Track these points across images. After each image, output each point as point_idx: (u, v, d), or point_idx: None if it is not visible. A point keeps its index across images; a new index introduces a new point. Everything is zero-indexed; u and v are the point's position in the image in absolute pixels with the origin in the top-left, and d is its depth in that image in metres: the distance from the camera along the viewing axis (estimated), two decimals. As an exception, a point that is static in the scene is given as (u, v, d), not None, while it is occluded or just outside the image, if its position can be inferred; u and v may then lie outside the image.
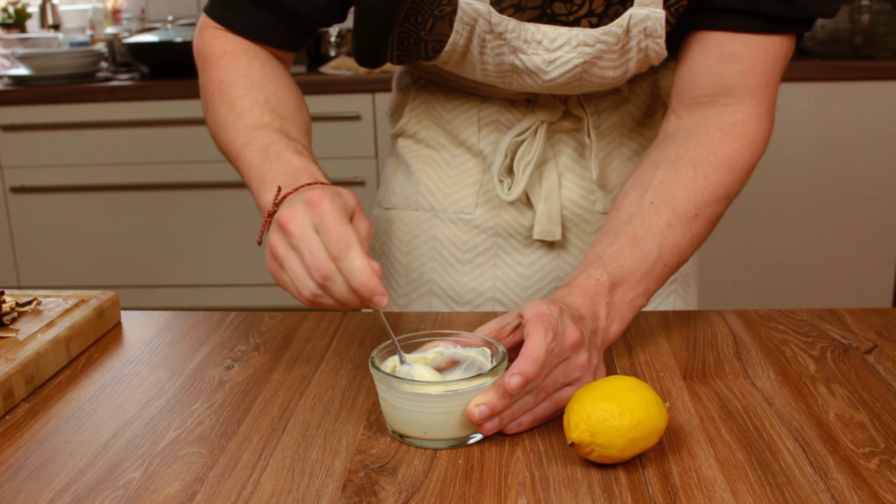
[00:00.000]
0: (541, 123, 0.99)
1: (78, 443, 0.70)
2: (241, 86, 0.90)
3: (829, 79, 2.41)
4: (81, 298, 0.93)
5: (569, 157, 1.02)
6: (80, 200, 2.60)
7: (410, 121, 1.08)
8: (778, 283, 2.55)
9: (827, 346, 0.85)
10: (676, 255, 0.83)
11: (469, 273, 1.05)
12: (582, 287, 0.79)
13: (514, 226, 1.04)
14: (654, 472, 0.63)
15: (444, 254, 1.06)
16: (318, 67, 2.65)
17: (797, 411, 0.72)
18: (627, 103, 1.02)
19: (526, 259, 1.05)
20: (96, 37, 2.99)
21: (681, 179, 0.85)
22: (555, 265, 1.05)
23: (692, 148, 0.87)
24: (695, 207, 0.84)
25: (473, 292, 1.05)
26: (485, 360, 0.73)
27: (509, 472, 0.64)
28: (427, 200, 1.06)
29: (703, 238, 0.86)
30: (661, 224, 0.83)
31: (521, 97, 1.00)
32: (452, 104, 1.04)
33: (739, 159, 0.86)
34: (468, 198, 1.04)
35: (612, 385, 0.65)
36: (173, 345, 0.89)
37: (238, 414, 0.74)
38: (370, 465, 0.66)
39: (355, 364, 0.84)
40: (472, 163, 1.04)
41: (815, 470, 0.63)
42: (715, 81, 0.88)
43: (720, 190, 0.85)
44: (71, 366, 0.85)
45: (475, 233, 1.05)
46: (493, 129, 1.02)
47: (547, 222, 1.02)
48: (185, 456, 0.68)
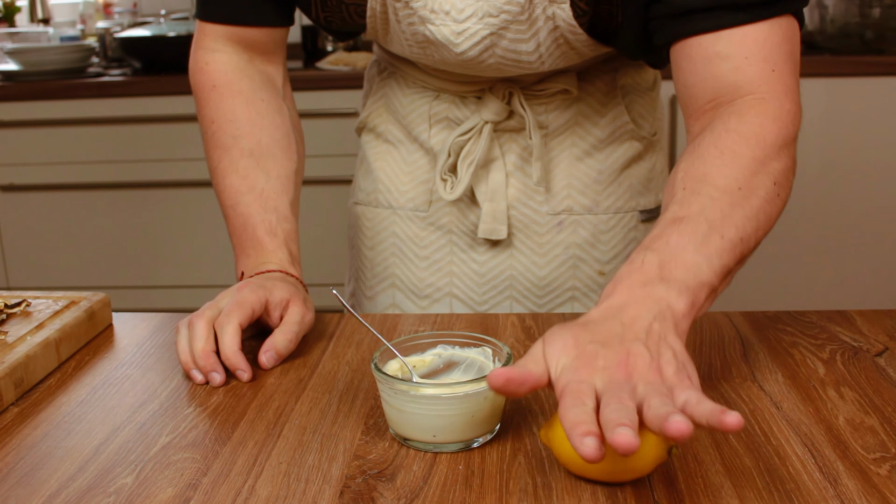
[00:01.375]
0: (485, 123, 1.01)
1: (68, 448, 0.70)
2: (229, 133, 0.99)
3: (840, 74, 2.41)
4: (72, 300, 0.93)
5: (516, 157, 1.04)
6: (71, 199, 2.60)
7: (371, 114, 1.12)
8: (786, 284, 2.55)
9: (837, 348, 0.85)
10: (733, 227, 0.72)
11: (427, 269, 1.09)
12: (626, 277, 0.69)
13: (465, 224, 1.06)
14: (659, 478, 0.63)
15: (404, 249, 1.09)
16: (314, 62, 2.66)
17: (806, 415, 0.72)
18: (579, 102, 1.03)
19: (480, 257, 1.07)
20: (87, 31, 2.99)
21: (707, 162, 0.77)
22: (508, 265, 1.07)
23: (709, 135, 0.80)
24: (733, 181, 0.75)
25: (432, 287, 1.09)
26: (486, 361, 0.73)
27: (511, 477, 0.64)
28: (385, 198, 1.10)
29: (765, 216, 0.76)
30: (703, 200, 0.74)
31: (470, 93, 1.02)
32: (408, 98, 1.07)
33: (766, 134, 0.78)
34: (422, 195, 1.07)
35: None
36: (166, 347, 0.89)
37: (232, 418, 0.74)
38: (368, 470, 0.66)
39: (352, 367, 0.84)
40: (424, 160, 1.07)
41: (824, 476, 0.63)
42: (713, 87, 0.82)
43: (754, 164, 0.76)
44: (61, 369, 0.85)
45: (430, 230, 1.08)
46: (443, 127, 1.05)
47: (492, 221, 1.04)
48: (179, 461, 0.68)
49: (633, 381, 0.61)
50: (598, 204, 1.06)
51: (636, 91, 1.06)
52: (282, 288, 0.88)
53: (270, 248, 0.94)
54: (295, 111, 1.06)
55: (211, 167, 1.01)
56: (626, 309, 0.66)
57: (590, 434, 0.56)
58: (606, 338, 0.64)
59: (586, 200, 1.05)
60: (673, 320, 0.66)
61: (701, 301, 0.69)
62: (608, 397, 0.59)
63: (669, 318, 0.66)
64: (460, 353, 0.74)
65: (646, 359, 0.62)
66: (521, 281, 1.07)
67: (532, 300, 1.08)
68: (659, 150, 1.10)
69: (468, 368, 0.73)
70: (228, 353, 0.81)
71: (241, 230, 0.96)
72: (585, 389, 0.60)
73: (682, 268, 0.69)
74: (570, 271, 1.07)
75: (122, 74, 2.60)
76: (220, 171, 0.99)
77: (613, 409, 0.57)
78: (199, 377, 0.81)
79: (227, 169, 0.98)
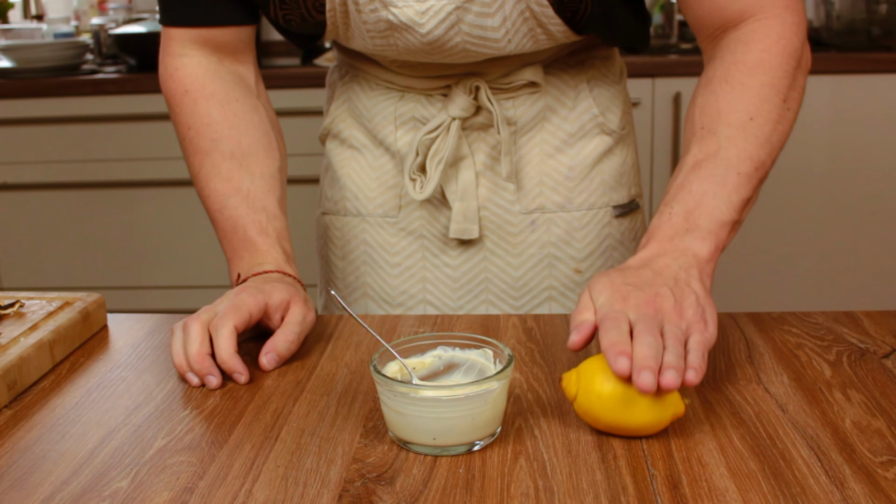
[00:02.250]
0: (452, 120, 1.01)
1: (62, 451, 0.70)
2: (207, 137, 0.99)
3: (846, 71, 2.41)
4: (66, 301, 0.93)
5: (485, 155, 1.04)
6: (65, 198, 2.60)
7: (335, 119, 1.11)
8: (792, 285, 2.55)
9: (843, 350, 0.85)
10: (748, 160, 0.84)
11: (399, 276, 1.08)
12: (657, 230, 0.82)
13: (436, 226, 1.06)
14: (663, 481, 0.63)
15: (375, 257, 1.09)
16: (311, 60, 2.66)
17: (812, 418, 0.72)
18: (546, 96, 1.03)
19: (453, 261, 1.07)
20: (81, 28, 2.99)
21: (719, 97, 0.87)
22: (482, 266, 1.06)
23: (718, 66, 0.89)
24: (745, 113, 0.85)
25: (405, 295, 1.08)
26: (486, 362, 0.73)
27: (512, 481, 0.64)
28: (353, 206, 1.09)
29: (777, 137, 0.86)
30: (719, 140, 0.84)
31: (436, 90, 1.02)
32: (372, 101, 1.06)
33: (771, 58, 0.87)
34: (391, 201, 1.07)
35: None
36: (162, 349, 0.89)
37: (229, 421, 0.74)
38: (367, 474, 0.66)
39: (351, 369, 0.84)
40: (391, 164, 1.07)
41: (830, 479, 0.63)
42: (719, 17, 0.90)
43: (765, 90, 0.86)
44: (55, 371, 0.85)
45: (401, 236, 1.07)
46: (409, 128, 1.04)
47: (463, 220, 1.04)
48: (174, 465, 0.68)
49: (660, 319, 0.73)
50: (570, 201, 1.05)
51: (603, 84, 1.06)
52: (281, 289, 0.88)
53: (264, 247, 0.94)
54: (271, 108, 1.05)
55: (193, 173, 1.00)
56: (656, 259, 0.79)
57: (624, 354, 0.68)
58: (639, 282, 0.76)
59: (558, 198, 1.05)
60: (697, 267, 0.79)
61: (724, 239, 0.82)
62: (641, 327, 0.71)
63: (694, 266, 0.79)
64: (461, 355, 0.74)
65: (670, 301, 0.74)
66: (495, 283, 1.07)
67: (508, 302, 1.07)
68: (629, 144, 1.10)
69: (469, 370, 0.73)
70: (224, 357, 0.81)
71: (231, 233, 0.96)
72: (621, 317, 0.72)
73: (704, 214, 0.81)
74: (545, 270, 1.06)
75: (117, 72, 2.60)
76: (203, 176, 0.99)
77: (644, 343, 0.69)
78: (195, 380, 0.81)
79: (210, 173, 0.98)
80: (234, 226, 0.96)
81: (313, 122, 2.40)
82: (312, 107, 2.36)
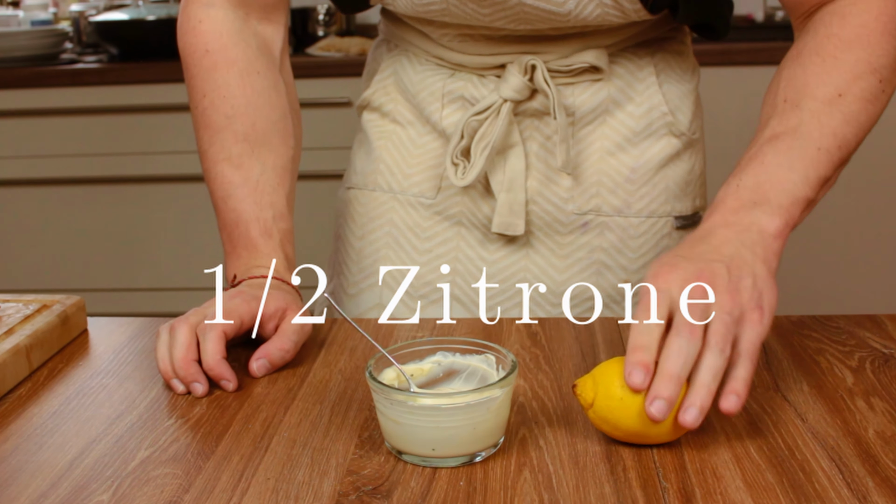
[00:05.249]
0: (503, 102, 0.98)
1: (40, 462, 0.70)
2: (222, 112, 0.97)
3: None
4: (44, 303, 0.93)
5: (538, 145, 1.01)
6: (43, 195, 2.60)
7: (377, 91, 1.08)
8: (812, 287, 2.55)
9: (866, 355, 0.85)
10: (830, 136, 0.81)
11: (427, 264, 1.05)
12: (721, 202, 0.79)
13: (477, 216, 1.03)
14: (675, 494, 0.63)
15: (401, 240, 1.06)
16: (304, 48, 2.66)
17: (833, 428, 0.72)
18: (609, 86, 1.00)
19: (490, 255, 1.04)
20: (60, 15, 2.99)
21: (807, 70, 0.85)
22: (521, 266, 1.04)
23: (811, 40, 0.87)
24: (835, 88, 0.83)
25: (429, 286, 1.05)
26: (488, 369, 0.73)
27: (515, 494, 0.64)
28: (386, 180, 1.07)
29: (867, 117, 0.84)
30: (801, 114, 0.82)
31: (489, 69, 1.00)
32: (420, 76, 1.04)
33: (870, 34, 0.85)
34: (430, 181, 1.04)
35: None
36: (145, 354, 0.89)
37: (216, 431, 0.74)
38: (362, 487, 0.66)
39: (346, 376, 0.84)
40: (436, 143, 1.04)
41: (852, 492, 0.63)
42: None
43: (860, 66, 0.84)
44: (32, 378, 0.85)
45: (436, 220, 1.05)
46: (458, 107, 1.02)
47: (508, 214, 1.01)
48: (158, 477, 0.68)
49: (705, 306, 0.69)
50: (629, 205, 1.02)
51: (674, 80, 1.03)
52: (277, 297, 0.87)
53: (265, 251, 0.93)
54: (292, 84, 1.04)
55: (200, 149, 0.99)
56: (715, 232, 0.76)
57: (642, 366, 0.67)
58: (692, 254, 0.74)
59: (617, 200, 1.02)
60: (762, 245, 0.75)
61: (797, 217, 0.79)
62: (678, 320, 0.69)
63: (759, 243, 0.75)
64: (461, 361, 0.74)
65: (724, 279, 0.71)
66: (536, 285, 1.04)
67: (546, 308, 1.04)
68: (699, 150, 1.07)
69: (470, 377, 0.73)
70: (211, 363, 0.81)
71: (232, 227, 0.95)
72: (660, 300, 0.70)
73: (777, 188, 0.78)
74: (592, 278, 1.03)
75: (98, 61, 2.60)
76: (211, 157, 0.97)
77: (674, 349, 0.67)
78: (181, 388, 0.81)
79: (218, 154, 0.97)
80: (236, 219, 0.95)
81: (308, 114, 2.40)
82: (306, 98, 2.36)
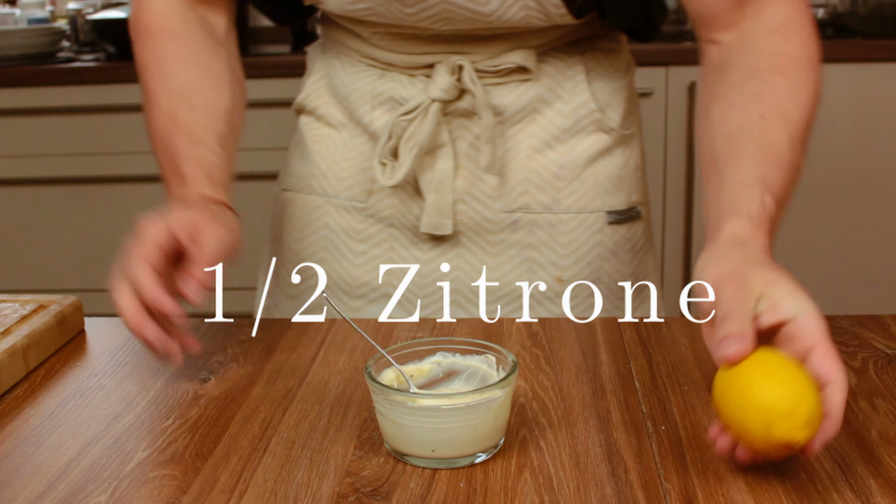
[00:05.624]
0: (431, 102, 0.99)
1: (37, 464, 0.70)
2: (157, 74, 0.99)
3: (872, 59, 2.41)
4: (40, 304, 0.93)
5: (468, 145, 1.02)
6: (40, 194, 2.60)
7: (310, 94, 1.10)
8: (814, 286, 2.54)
9: (869, 356, 0.85)
10: (796, 176, 0.84)
11: (363, 266, 1.06)
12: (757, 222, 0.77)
13: (408, 217, 1.04)
14: (677, 496, 0.63)
15: (337, 243, 1.07)
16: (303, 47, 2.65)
17: (836, 429, 0.72)
18: (538, 86, 1.01)
19: (423, 255, 1.05)
20: (57, 13, 2.99)
21: (776, 88, 0.85)
22: (455, 264, 1.04)
23: (760, 57, 0.88)
24: (806, 115, 0.85)
25: (367, 286, 1.06)
26: (489, 369, 0.73)
27: (516, 496, 0.64)
28: (320, 184, 1.08)
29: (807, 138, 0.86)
30: (785, 139, 0.83)
31: (418, 69, 1.00)
32: (350, 78, 1.05)
33: (810, 55, 0.88)
34: (361, 184, 1.05)
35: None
36: (142, 355, 0.89)
37: (215, 432, 0.74)
38: (361, 488, 0.66)
39: (344, 376, 0.84)
40: (368, 146, 1.05)
41: (855, 494, 0.63)
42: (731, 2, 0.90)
43: (811, 89, 0.86)
44: (29, 378, 0.85)
45: (369, 222, 1.06)
46: (388, 109, 1.03)
47: (436, 214, 1.02)
48: (156, 478, 0.68)
49: None
50: (558, 202, 1.03)
51: (604, 77, 1.04)
52: (184, 212, 0.84)
53: (191, 177, 0.92)
54: (238, 60, 1.04)
55: (144, 116, 1.00)
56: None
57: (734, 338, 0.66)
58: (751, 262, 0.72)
59: (545, 197, 1.03)
60: None
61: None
62: None
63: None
64: (461, 362, 0.74)
65: None
66: (468, 284, 1.05)
67: (480, 305, 1.05)
68: (633, 146, 1.08)
69: (470, 378, 0.73)
70: (152, 297, 0.77)
71: (166, 169, 0.95)
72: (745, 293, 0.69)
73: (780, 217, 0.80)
74: (524, 276, 1.04)
75: (95, 60, 2.60)
76: (147, 115, 0.99)
77: None
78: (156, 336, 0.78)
79: (153, 111, 0.98)
80: (171, 160, 0.94)
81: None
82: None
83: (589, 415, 0.75)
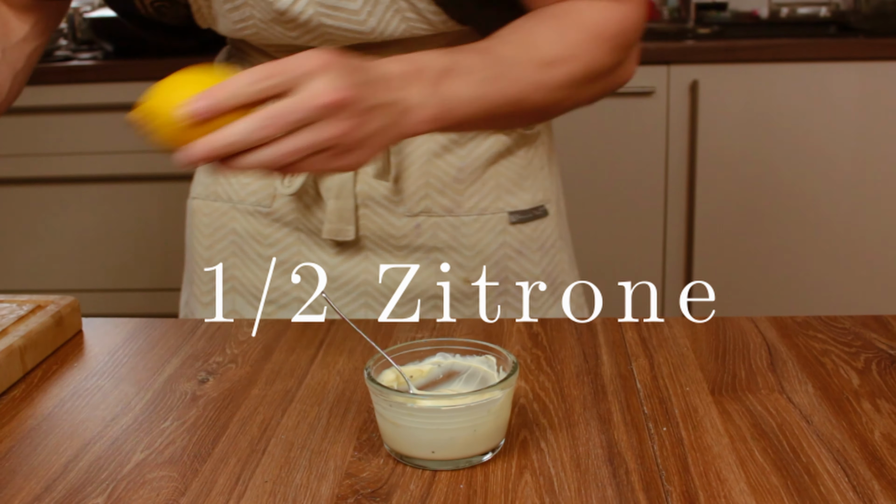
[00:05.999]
0: None
1: (34, 465, 0.70)
2: None
3: (875, 58, 2.41)
4: (38, 304, 0.93)
5: None
6: (37, 194, 2.60)
7: None
8: (817, 287, 2.56)
9: (872, 357, 0.85)
10: (516, 86, 0.82)
11: (272, 271, 1.07)
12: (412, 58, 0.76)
13: (312, 221, 1.05)
14: (678, 498, 0.63)
15: (245, 249, 1.08)
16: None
17: (839, 430, 0.72)
18: None
19: (331, 259, 1.06)
20: (54, 11, 2.98)
21: (541, 27, 0.85)
22: (362, 267, 1.05)
23: (554, 6, 0.88)
24: (550, 55, 0.84)
25: (277, 291, 1.07)
26: (489, 370, 0.73)
27: (517, 497, 0.64)
28: (225, 190, 1.09)
29: (553, 100, 0.85)
30: (510, 53, 0.82)
31: None
32: None
33: (606, 28, 0.87)
34: (265, 189, 1.06)
35: None
36: (141, 356, 0.89)
37: (213, 433, 0.74)
38: (361, 490, 0.66)
39: (344, 377, 0.84)
40: None
41: (858, 495, 0.63)
42: None
43: (578, 50, 0.85)
44: (26, 379, 0.85)
45: (275, 227, 1.06)
46: None
47: (338, 220, 1.03)
48: (154, 480, 0.68)
49: None
50: (459, 205, 1.03)
51: None
52: None
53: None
54: (23, 65, 1.02)
55: None
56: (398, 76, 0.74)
57: None
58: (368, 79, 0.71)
59: (446, 201, 1.03)
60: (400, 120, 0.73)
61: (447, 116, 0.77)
62: None
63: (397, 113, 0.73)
64: (461, 362, 0.74)
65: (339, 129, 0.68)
66: (377, 287, 1.05)
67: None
68: (539, 144, 1.08)
69: (470, 379, 0.73)
70: None
71: None
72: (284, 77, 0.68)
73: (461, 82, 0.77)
74: (431, 278, 1.05)
75: (93, 58, 2.60)
76: None
77: None
78: None
79: None
80: None
81: None
82: None
83: (590, 416, 0.75)
